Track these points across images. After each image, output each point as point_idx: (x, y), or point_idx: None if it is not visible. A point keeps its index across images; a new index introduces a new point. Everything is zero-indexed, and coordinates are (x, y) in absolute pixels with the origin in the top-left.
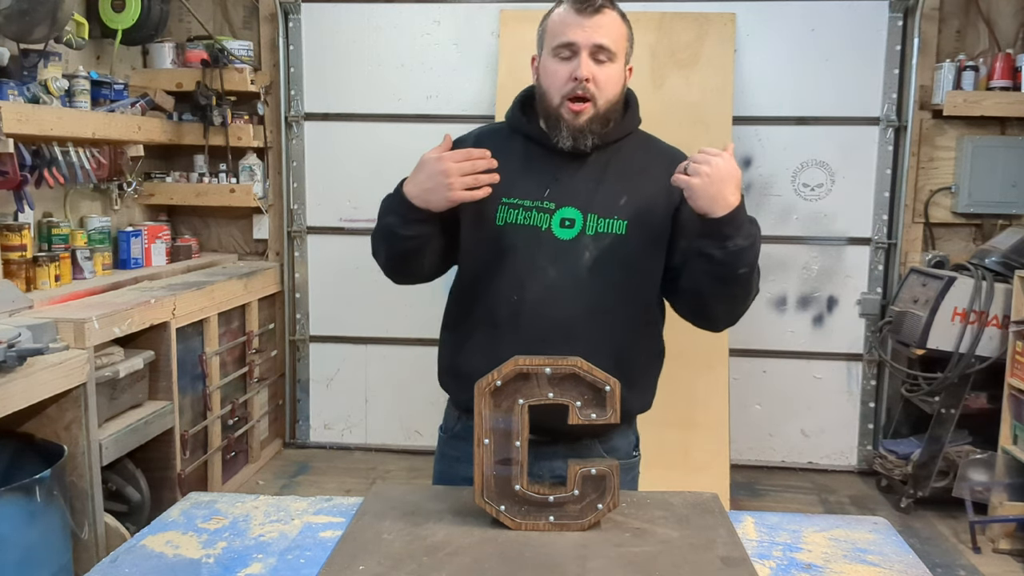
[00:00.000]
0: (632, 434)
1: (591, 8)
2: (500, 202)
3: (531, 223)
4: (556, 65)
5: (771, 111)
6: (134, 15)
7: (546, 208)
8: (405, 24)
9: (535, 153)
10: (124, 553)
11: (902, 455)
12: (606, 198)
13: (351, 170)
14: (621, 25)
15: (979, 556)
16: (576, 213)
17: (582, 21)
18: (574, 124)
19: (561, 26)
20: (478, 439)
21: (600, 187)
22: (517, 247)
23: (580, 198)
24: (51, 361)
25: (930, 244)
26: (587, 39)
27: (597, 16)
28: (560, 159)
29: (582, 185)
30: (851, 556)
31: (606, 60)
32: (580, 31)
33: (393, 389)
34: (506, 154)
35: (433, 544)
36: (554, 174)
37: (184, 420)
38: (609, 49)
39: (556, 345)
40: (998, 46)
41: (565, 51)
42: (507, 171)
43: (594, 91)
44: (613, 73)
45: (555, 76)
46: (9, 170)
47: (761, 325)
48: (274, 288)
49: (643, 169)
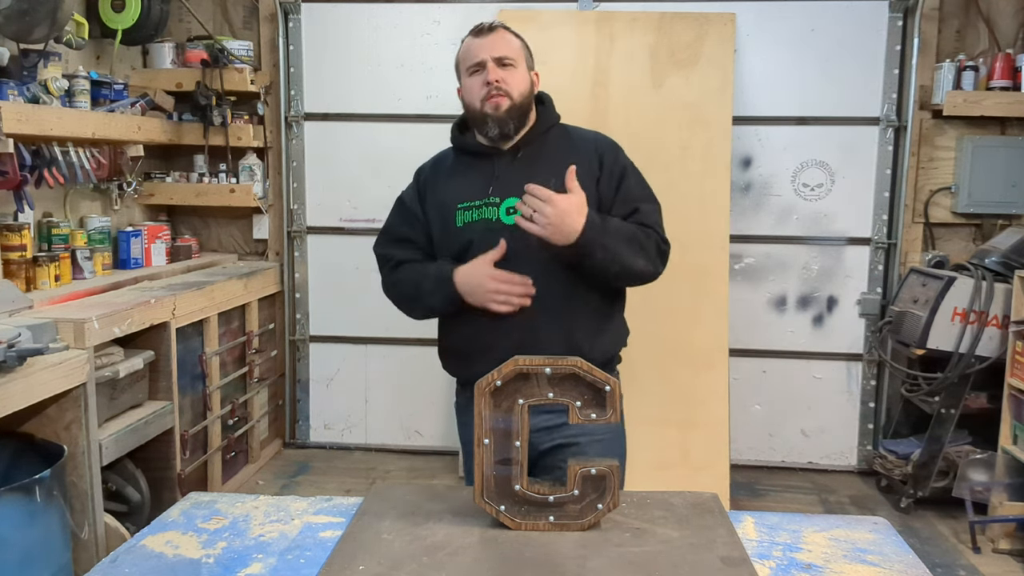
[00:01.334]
0: None
1: (485, 30)
2: (456, 207)
3: (483, 217)
4: (471, 80)
5: (771, 111)
6: (134, 15)
7: (492, 202)
8: (405, 24)
9: (474, 162)
10: (124, 553)
11: (902, 455)
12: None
13: (351, 170)
14: (514, 40)
15: (979, 556)
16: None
17: (481, 42)
18: (496, 115)
19: (467, 51)
20: (478, 439)
21: (533, 175)
22: (476, 239)
23: (518, 188)
24: (51, 361)
25: (930, 244)
26: (489, 53)
27: (492, 35)
28: (496, 161)
29: (518, 177)
30: (851, 556)
31: (509, 65)
32: (482, 49)
33: (393, 389)
34: (455, 169)
35: (433, 544)
36: (494, 174)
37: (184, 420)
38: (509, 57)
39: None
40: (998, 46)
41: (475, 68)
42: (458, 181)
43: (506, 88)
44: (517, 74)
45: (473, 88)
46: (9, 170)
47: (761, 325)
48: (274, 288)
49: (566, 154)
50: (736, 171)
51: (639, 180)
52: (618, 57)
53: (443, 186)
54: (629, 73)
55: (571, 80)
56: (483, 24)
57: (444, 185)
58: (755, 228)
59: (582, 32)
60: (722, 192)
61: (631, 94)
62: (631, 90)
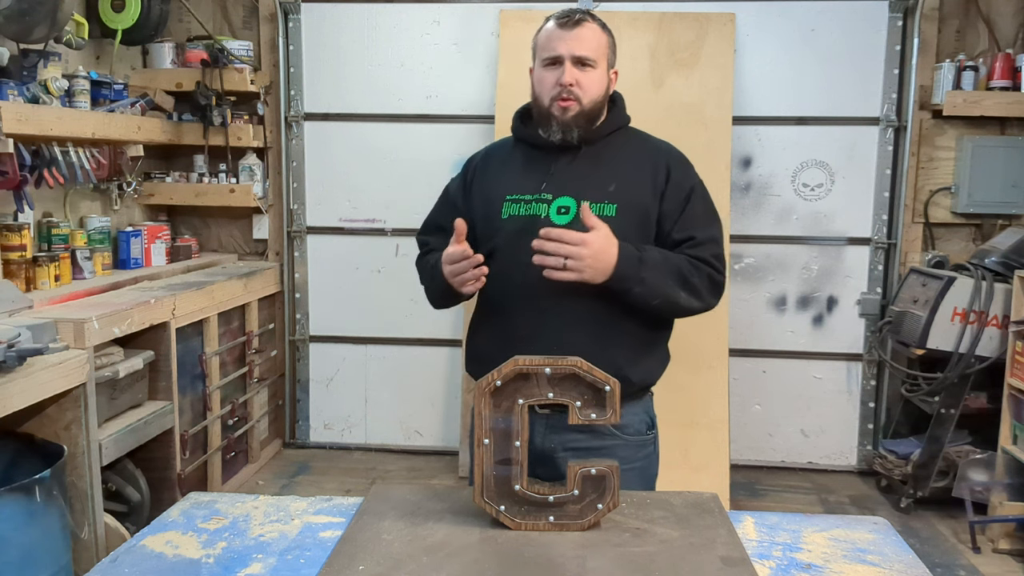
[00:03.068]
0: (644, 412)
1: (572, 22)
2: (504, 199)
3: (531, 213)
4: (545, 73)
5: (771, 111)
6: (134, 15)
7: (543, 199)
8: (405, 24)
9: (533, 155)
10: (124, 553)
11: (902, 455)
12: (597, 185)
13: (351, 170)
14: (601, 35)
15: (979, 556)
16: (570, 201)
17: (564, 35)
18: (562, 119)
19: (547, 40)
20: (478, 439)
21: (591, 177)
22: (520, 235)
23: (573, 188)
24: (51, 361)
25: (930, 244)
26: (569, 50)
27: (577, 29)
28: (554, 156)
29: (575, 176)
30: (851, 556)
31: (588, 66)
32: (563, 44)
33: (393, 389)
34: (510, 161)
35: (433, 544)
36: (549, 170)
37: (184, 420)
38: (589, 58)
39: (558, 322)
40: (998, 46)
41: (551, 61)
42: (510, 173)
43: (578, 93)
44: (594, 77)
45: (544, 83)
46: (9, 170)
47: (761, 325)
48: (274, 288)
49: (630, 160)
50: (736, 171)
51: (705, 203)
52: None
53: (494, 175)
54: (629, 73)
55: None
56: (571, 12)
57: (495, 174)
58: (755, 228)
59: None
60: (722, 192)
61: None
62: (631, 90)
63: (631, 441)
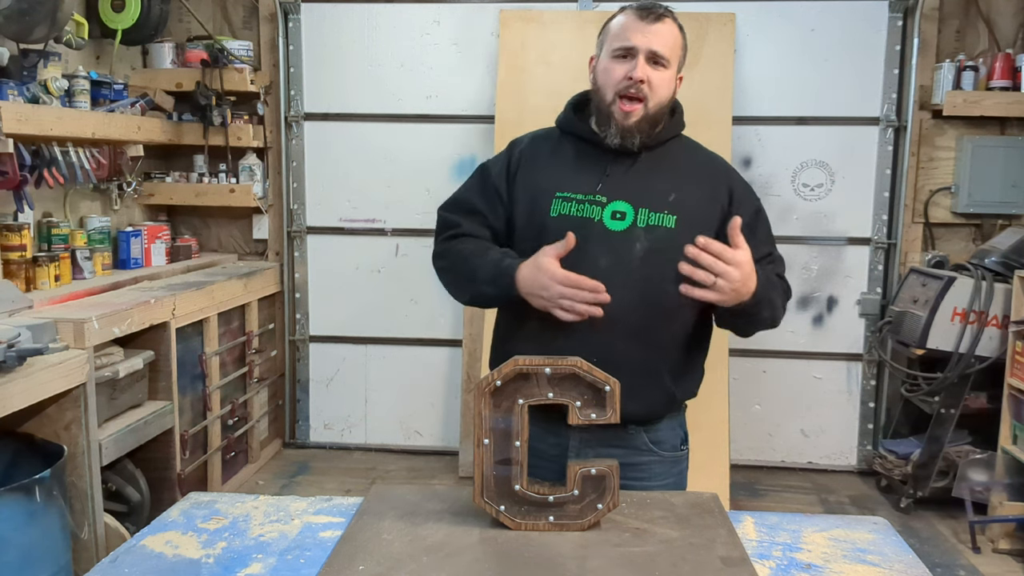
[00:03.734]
0: (679, 427)
1: (652, 16)
2: (554, 195)
3: (583, 215)
4: (613, 65)
5: (771, 111)
6: (134, 15)
7: (598, 201)
8: (405, 24)
9: (586, 151)
10: (124, 553)
11: (902, 455)
12: (656, 194)
13: (351, 170)
14: (678, 35)
15: (979, 556)
16: (627, 207)
17: (643, 27)
18: (624, 124)
19: (623, 30)
20: (478, 439)
21: (650, 183)
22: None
23: (631, 193)
24: (51, 361)
25: (930, 244)
26: (646, 44)
27: (657, 24)
28: (611, 156)
29: (632, 181)
30: (851, 556)
31: (660, 66)
32: (640, 36)
33: (393, 389)
34: (559, 154)
35: (433, 544)
36: (605, 170)
37: (184, 420)
38: (664, 56)
39: (605, 333)
40: (998, 46)
41: (623, 53)
42: (561, 168)
43: (647, 92)
44: (666, 78)
45: (611, 74)
46: (9, 170)
47: None
48: (274, 288)
49: (690, 171)
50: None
51: (768, 225)
52: None
53: (543, 167)
54: None
55: (571, 80)
56: (650, 8)
57: (545, 166)
58: None
59: (582, 32)
60: None
61: None
62: None
63: (667, 457)
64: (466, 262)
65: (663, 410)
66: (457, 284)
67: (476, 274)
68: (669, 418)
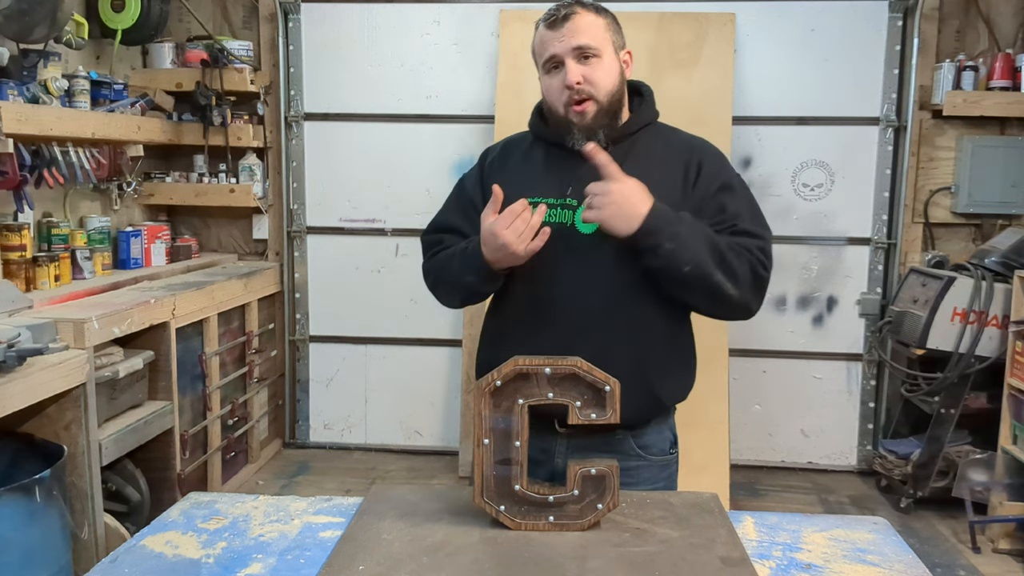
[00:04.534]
0: (668, 430)
1: (559, 19)
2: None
3: (555, 220)
4: (549, 80)
5: (771, 111)
6: (134, 15)
7: (569, 205)
8: (405, 24)
9: (556, 155)
10: (124, 553)
11: (902, 455)
12: None
13: (351, 170)
14: (596, 20)
15: (979, 556)
16: None
17: (555, 34)
18: (582, 124)
19: (541, 45)
20: (478, 439)
21: None
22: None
23: None
24: (51, 361)
25: (930, 244)
26: (565, 47)
27: (567, 24)
28: (580, 159)
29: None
30: (851, 556)
31: (592, 57)
32: (557, 43)
33: (393, 389)
34: (530, 159)
35: (433, 544)
36: (575, 173)
37: (184, 420)
38: (590, 47)
39: (588, 336)
40: (998, 46)
41: (552, 65)
42: (531, 174)
43: (590, 90)
44: (603, 67)
45: (551, 89)
46: (9, 170)
47: (761, 325)
48: (274, 288)
49: (661, 160)
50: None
51: (748, 200)
52: None
53: (513, 175)
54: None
55: None
56: (556, 10)
57: (515, 174)
58: None
59: None
60: None
61: None
62: None
63: (655, 462)
64: (446, 267)
65: (650, 414)
66: (447, 290)
67: (456, 271)
68: (657, 422)
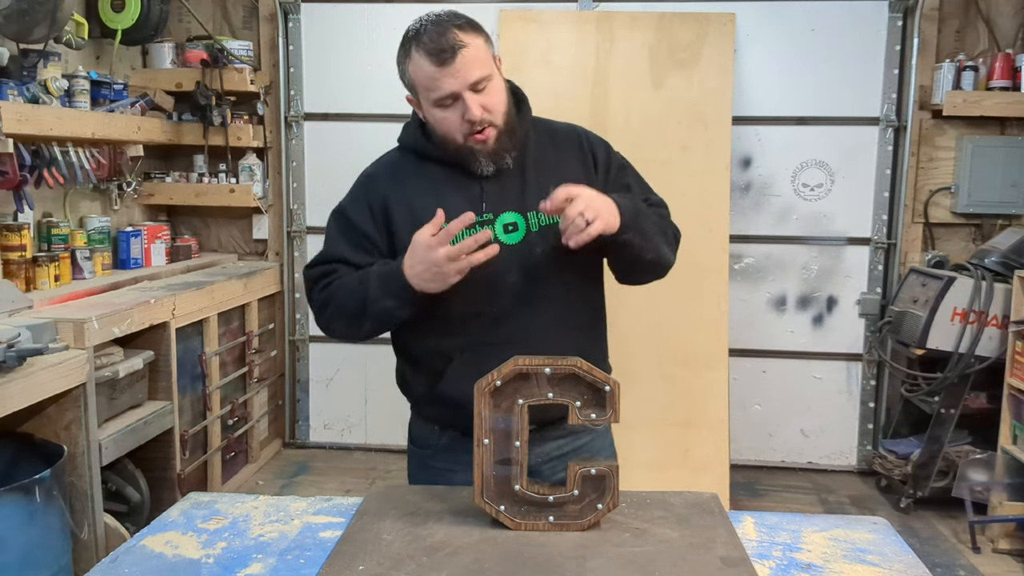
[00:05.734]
0: None
1: (448, 54)
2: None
3: None
4: (444, 114)
5: (771, 111)
6: (134, 15)
7: (486, 219)
8: (405, 24)
9: (455, 172)
10: (124, 553)
11: (902, 455)
12: (536, 193)
13: (351, 170)
14: (480, 44)
15: (979, 556)
16: (516, 216)
17: (447, 71)
18: (487, 150)
19: (430, 80)
20: (478, 439)
21: (526, 185)
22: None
23: (514, 201)
24: (51, 361)
25: (930, 244)
26: (462, 83)
27: (457, 59)
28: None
29: (510, 189)
30: (851, 556)
31: (485, 83)
32: (451, 80)
33: (393, 389)
34: (428, 179)
35: (433, 544)
36: (480, 186)
37: (184, 420)
38: (482, 77)
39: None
40: (998, 46)
41: (447, 101)
42: (435, 194)
43: (489, 118)
44: (496, 89)
45: (448, 123)
46: (9, 170)
47: (761, 325)
48: (274, 288)
49: (556, 154)
50: (736, 171)
51: (637, 174)
52: (618, 57)
53: (417, 198)
54: (629, 73)
55: (571, 80)
56: (439, 41)
57: (418, 197)
58: (755, 228)
59: (582, 32)
60: (722, 192)
61: (631, 94)
62: (631, 90)
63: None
64: (352, 293)
65: None
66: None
67: (367, 296)
68: None
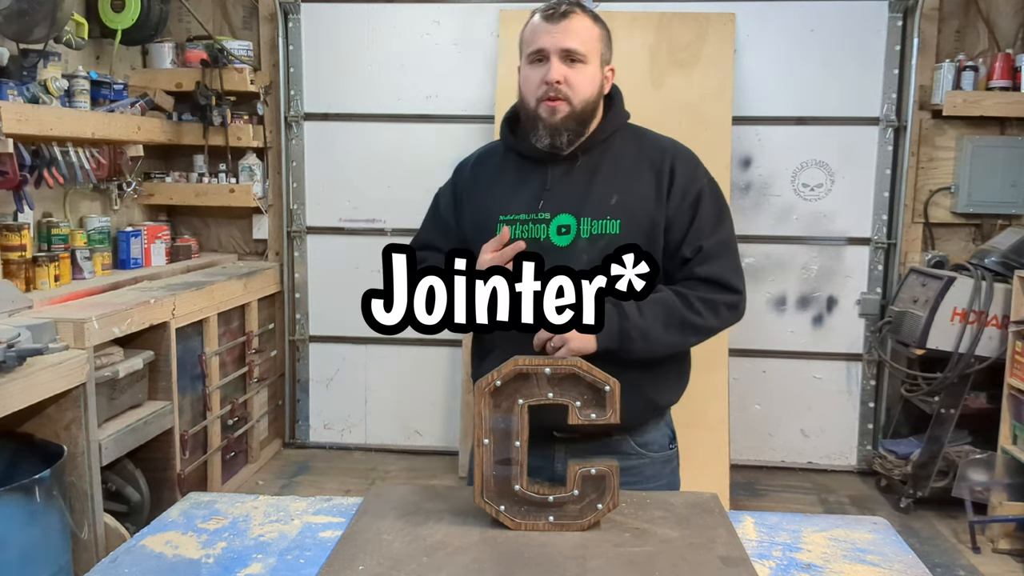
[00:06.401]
0: (665, 426)
1: (558, 15)
2: (497, 219)
3: (530, 236)
4: (530, 71)
5: (771, 111)
6: (134, 15)
7: (541, 219)
8: (405, 24)
9: (525, 166)
10: (124, 553)
11: (902, 455)
12: (597, 200)
13: (351, 170)
14: (592, 28)
15: (979, 556)
16: (570, 219)
17: (550, 28)
18: (550, 121)
19: (532, 34)
20: (478, 439)
21: (590, 190)
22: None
23: (572, 204)
24: (51, 361)
25: (930, 244)
26: (555, 44)
27: (564, 22)
28: (551, 168)
29: (573, 190)
30: (851, 556)
31: (578, 62)
32: (548, 37)
33: (393, 389)
34: (501, 173)
35: (433, 544)
36: (545, 184)
37: (184, 420)
38: (579, 51)
39: None
40: (998, 46)
41: (537, 57)
42: (503, 189)
43: (567, 92)
44: (586, 75)
45: (529, 81)
46: (9, 170)
47: (761, 325)
48: (274, 288)
49: (634, 165)
50: (736, 171)
51: (714, 207)
52: (618, 57)
53: (485, 191)
54: (629, 73)
55: None
56: (557, 4)
57: (487, 190)
58: (755, 228)
59: None
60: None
61: (631, 94)
62: (631, 90)
63: (656, 458)
64: None
65: (646, 416)
66: None
67: None
68: (654, 420)
